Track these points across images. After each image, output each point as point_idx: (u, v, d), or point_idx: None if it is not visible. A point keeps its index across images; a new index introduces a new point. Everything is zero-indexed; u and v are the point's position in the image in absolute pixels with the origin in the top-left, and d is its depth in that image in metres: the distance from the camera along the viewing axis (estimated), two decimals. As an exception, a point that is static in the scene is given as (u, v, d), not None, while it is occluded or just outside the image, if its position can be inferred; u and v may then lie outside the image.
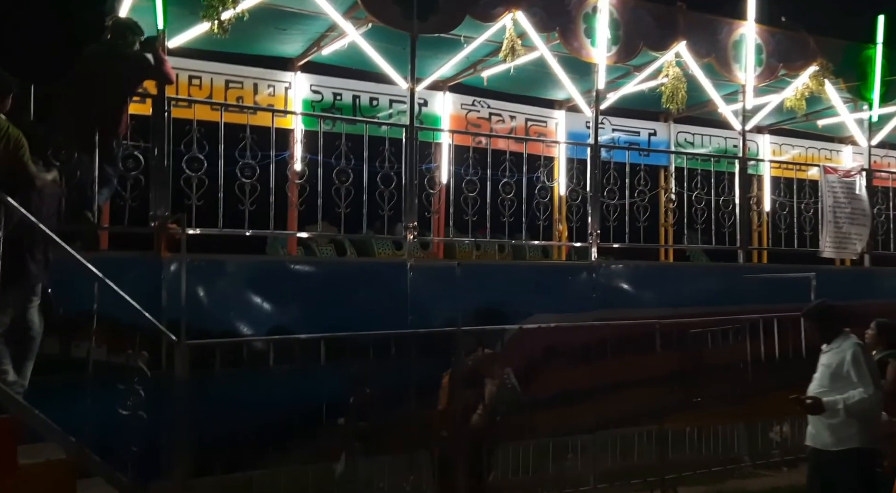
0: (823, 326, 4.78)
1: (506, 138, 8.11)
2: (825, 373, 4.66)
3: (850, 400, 4.41)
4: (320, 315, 5.89)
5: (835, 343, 4.69)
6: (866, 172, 9.02)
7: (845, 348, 4.59)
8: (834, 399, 4.46)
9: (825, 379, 4.64)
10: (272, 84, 7.87)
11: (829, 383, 4.60)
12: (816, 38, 8.48)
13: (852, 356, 4.53)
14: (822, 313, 4.83)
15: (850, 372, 4.50)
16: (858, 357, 4.53)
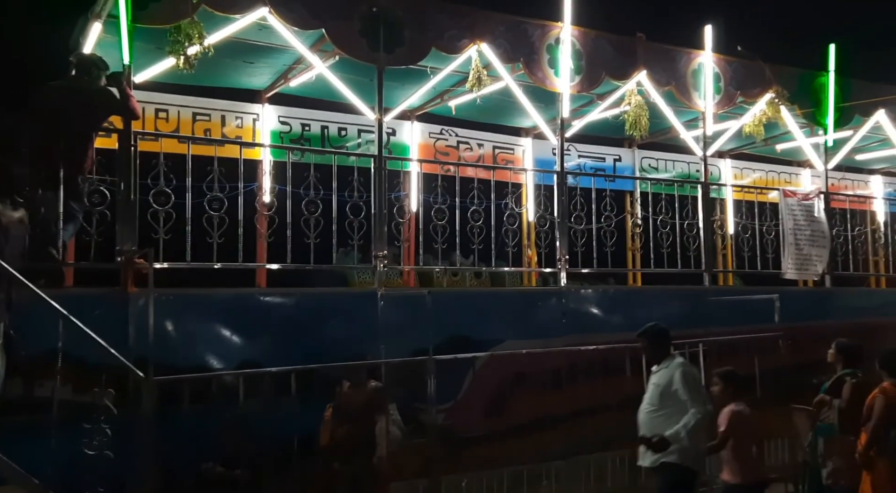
0: (654, 346, 5.14)
1: (474, 166, 8.22)
2: (655, 392, 4.98)
3: (688, 425, 4.68)
4: (291, 347, 5.85)
5: (664, 363, 5.03)
6: (824, 194, 9.30)
7: (673, 367, 4.91)
8: (675, 431, 4.72)
9: (655, 398, 4.95)
10: (240, 116, 7.89)
11: (658, 402, 4.91)
12: (772, 66, 8.77)
13: (681, 376, 4.83)
14: (654, 335, 5.15)
15: (679, 391, 4.79)
16: (687, 377, 4.84)
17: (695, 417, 4.70)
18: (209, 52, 6.10)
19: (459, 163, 8.20)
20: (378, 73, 6.64)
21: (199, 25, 5.89)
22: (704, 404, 4.79)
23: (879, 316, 9.31)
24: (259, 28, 6.37)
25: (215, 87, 7.85)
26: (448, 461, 6.04)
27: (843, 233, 9.71)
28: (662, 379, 4.94)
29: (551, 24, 7.43)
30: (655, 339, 5.17)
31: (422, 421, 6.02)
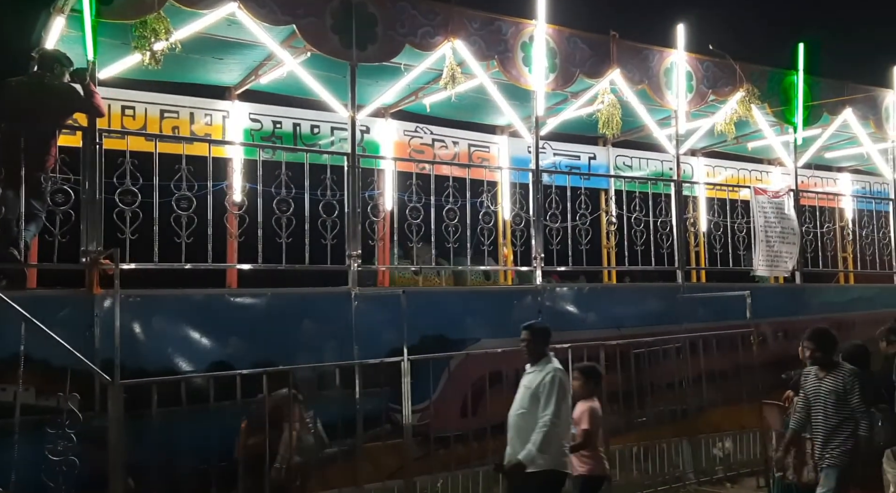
0: (535, 343, 5.00)
1: (449, 164, 8.18)
2: (525, 394, 4.89)
3: (537, 443, 4.64)
4: (263, 349, 5.76)
5: (538, 365, 4.93)
6: (794, 192, 9.42)
7: (546, 371, 4.82)
8: (527, 451, 4.68)
9: (525, 400, 4.86)
10: (209, 113, 7.75)
11: (528, 404, 4.82)
12: (742, 65, 8.85)
13: (550, 380, 4.75)
14: (537, 332, 5.05)
15: (541, 395, 4.76)
16: (555, 383, 4.75)
17: (541, 431, 4.66)
18: (176, 48, 5.97)
19: (434, 161, 8.15)
20: (351, 70, 6.56)
21: (165, 21, 5.75)
22: (554, 413, 4.70)
23: (848, 312, 9.47)
24: (228, 23, 6.25)
25: (183, 83, 7.69)
26: (423, 461, 6.00)
27: (813, 230, 9.85)
28: (533, 382, 4.86)
29: (525, 21, 7.41)
30: (537, 336, 5.03)
31: (397, 421, 5.98)
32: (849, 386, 4.91)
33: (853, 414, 4.92)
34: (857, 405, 4.90)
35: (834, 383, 4.98)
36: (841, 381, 4.96)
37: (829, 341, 5.11)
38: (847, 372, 4.99)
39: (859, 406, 4.89)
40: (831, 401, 4.97)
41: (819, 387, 5.06)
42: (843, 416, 4.94)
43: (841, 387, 4.93)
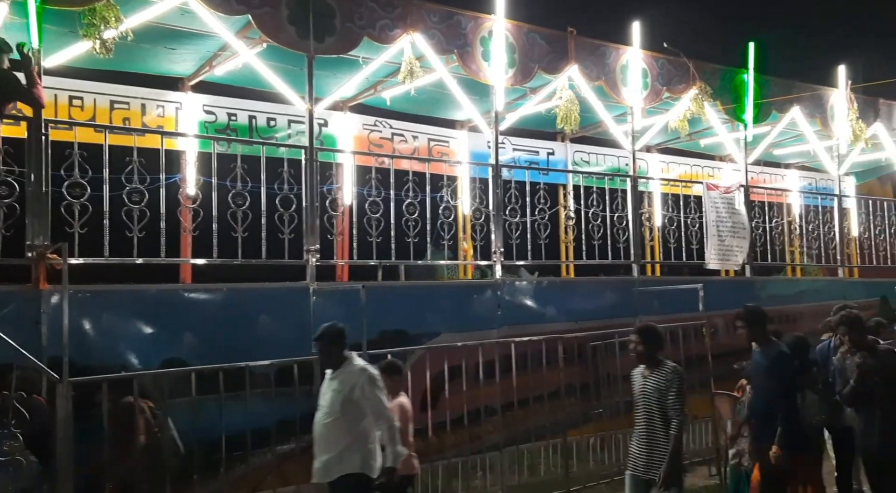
0: (331, 348, 4.64)
1: (409, 159, 8.14)
2: (336, 399, 4.51)
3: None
4: (219, 345, 5.66)
5: (343, 367, 4.58)
6: (744, 188, 9.66)
7: (356, 373, 4.53)
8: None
9: (336, 405, 4.50)
10: (161, 104, 7.55)
11: (339, 409, 4.48)
12: (696, 63, 9.04)
13: (368, 382, 4.49)
14: (333, 337, 4.65)
15: (362, 401, 4.48)
16: (375, 383, 4.52)
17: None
18: (127, 37, 5.80)
19: (394, 155, 8.10)
20: (308, 62, 6.47)
21: (115, 8, 5.59)
22: (385, 414, 4.52)
23: (796, 304, 9.77)
24: (181, 13, 6.10)
25: (135, 73, 7.48)
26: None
27: (762, 225, 10.13)
28: (344, 385, 4.50)
29: (484, 16, 7.42)
30: (333, 341, 4.65)
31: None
32: (669, 383, 4.66)
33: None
34: (672, 403, 4.62)
35: (657, 382, 4.72)
36: (664, 379, 4.69)
37: (653, 336, 4.84)
38: (669, 370, 4.73)
39: (674, 404, 4.62)
40: (654, 399, 4.70)
41: (644, 386, 4.81)
42: (666, 419, 4.67)
43: (663, 385, 4.67)
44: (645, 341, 4.82)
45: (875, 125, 10.95)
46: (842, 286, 10.64)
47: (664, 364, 4.79)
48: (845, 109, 10.49)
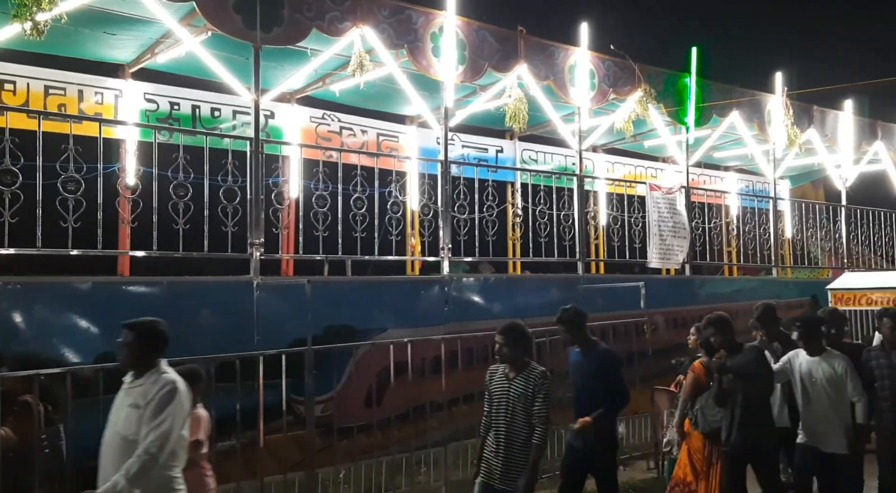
0: (136, 353, 3.84)
1: (357, 153, 8.07)
2: (133, 415, 3.65)
3: (130, 471, 3.52)
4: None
5: (146, 377, 3.77)
6: (685, 189, 9.93)
7: (161, 383, 3.74)
8: (113, 482, 3.53)
9: (132, 423, 3.64)
10: (100, 91, 7.30)
11: (135, 428, 3.62)
12: (641, 66, 9.24)
13: (168, 395, 3.68)
14: (141, 335, 3.87)
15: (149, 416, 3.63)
16: (172, 397, 3.70)
17: (140, 459, 3.53)
18: (62, 20, 5.57)
19: (342, 149, 8.02)
20: (254, 52, 6.34)
21: (49, -11, 5.36)
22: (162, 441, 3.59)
23: (732, 302, 10.10)
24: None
25: (72, 58, 7.21)
26: (326, 453, 5.93)
27: (701, 225, 10.44)
28: (144, 399, 3.67)
29: (435, 12, 7.41)
30: (142, 340, 3.86)
31: (299, 413, 5.87)
32: (536, 389, 4.29)
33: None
34: (538, 411, 4.27)
35: (524, 387, 4.33)
36: (531, 384, 4.32)
37: (520, 336, 4.43)
38: (537, 375, 4.35)
39: (539, 411, 4.27)
40: (519, 407, 4.30)
41: (508, 389, 4.38)
42: (529, 426, 4.29)
43: (530, 391, 4.29)
44: (511, 341, 4.41)
45: (809, 131, 11.41)
46: (775, 286, 11.05)
47: (532, 368, 4.40)
48: (781, 115, 10.89)
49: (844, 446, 5.09)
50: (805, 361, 5.24)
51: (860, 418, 5.10)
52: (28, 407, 4.48)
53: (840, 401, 5.12)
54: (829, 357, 5.17)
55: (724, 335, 5.19)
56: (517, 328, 4.50)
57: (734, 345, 5.21)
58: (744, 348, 5.23)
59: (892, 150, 12.82)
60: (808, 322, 5.32)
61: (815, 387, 5.16)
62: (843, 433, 5.10)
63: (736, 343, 5.23)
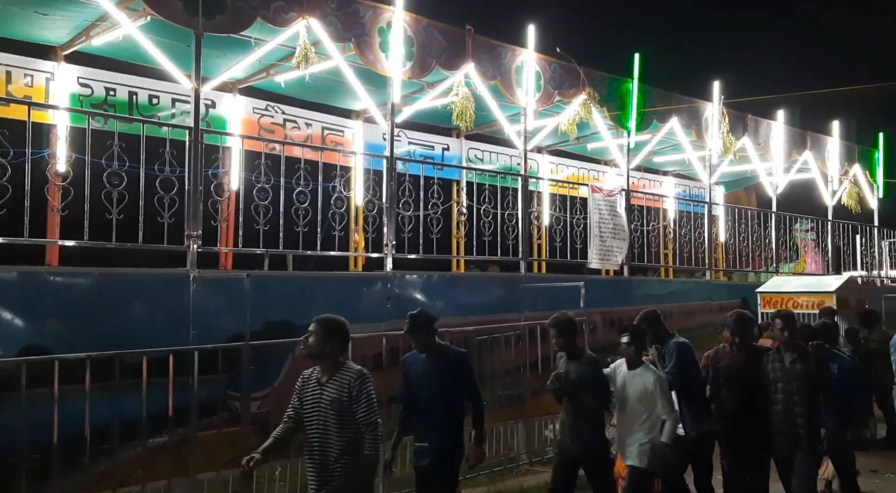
0: None
1: (301, 146, 7.96)
2: None
3: None
4: (88, 333, 5.30)
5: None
6: (625, 192, 10.16)
7: None
8: None
9: None
10: (30, 73, 6.98)
11: None
12: (586, 69, 9.40)
13: None
14: None
15: None
16: None
17: None
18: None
19: (286, 141, 7.89)
20: (196, 39, 6.17)
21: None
22: None
23: (669, 303, 10.40)
24: (55, -25, 5.66)
25: (0, 38, 6.87)
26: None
27: (640, 227, 10.70)
28: None
29: (383, 7, 7.36)
30: None
31: (235, 409, 5.75)
32: (354, 393, 3.77)
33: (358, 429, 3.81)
34: (363, 417, 3.76)
35: (338, 390, 3.78)
36: (345, 387, 3.78)
37: (336, 329, 3.89)
38: (353, 375, 3.81)
39: (365, 418, 3.77)
40: (332, 414, 3.78)
41: (320, 395, 3.83)
42: (348, 434, 3.80)
43: (346, 395, 3.77)
44: (328, 338, 3.81)
45: (743, 139, 11.83)
46: (708, 288, 11.43)
47: (346, 369, 3.85)
48: (718, 123, 11.27)
49: (643, 459, 4.95)
50: (622, 373, 5.15)
51: (665, 437, 4.93)
52: None
53: (649, 417, 4.98)
54: (643, 372, 5.05)
55: (566, 338, 5.07)
56: (332, 321, 3.90)
57: (575, 350, 5.10)
58: (584, 355, 5.13)
59: (820, 159, 13.42)
60: (632, 333, 5.13)
61: (628, 401, 5.06)
62: (649, 448, 4.94)
63: (578, 349, 5.13)
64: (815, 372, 5.17)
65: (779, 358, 5.28)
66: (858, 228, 14.49)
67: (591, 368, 5.04)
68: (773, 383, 5.23)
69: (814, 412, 5.13)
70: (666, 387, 5.06)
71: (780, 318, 5.28)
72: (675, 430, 4.99)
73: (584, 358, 5.09)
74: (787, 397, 5.14)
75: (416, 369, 4.83)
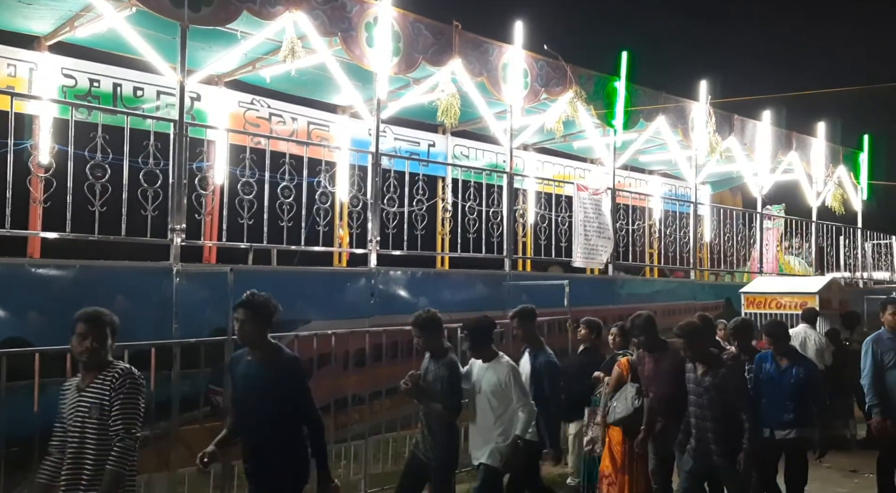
0: None
1: (286, 140, 7.94)
2: None
3: None
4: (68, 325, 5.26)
5: None
6: (611, 190, 10.21)
7: None
8: None
9: None
10: (13, 63, 6.93)
11: None
12: (573, 67, 9.42)
13: None
14: None
15: None
16: None
17: None
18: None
19: (271, 136, 7.87)
20: (181, 32, 6.15)
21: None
22: None
23: (653, 302, 10.47)
24: (39, -36, 5.61)
25: (-18, 26, 6.81)
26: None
27: (626, 226, 10.76)
28: None
29: (370, 1, 7.36)
30: None
31: (217, 404, 5.74)
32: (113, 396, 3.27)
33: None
34: (116, 424, 3.24)
35: (99, 396, 3.28)
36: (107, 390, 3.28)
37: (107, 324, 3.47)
38: (118, 374, 3.32)
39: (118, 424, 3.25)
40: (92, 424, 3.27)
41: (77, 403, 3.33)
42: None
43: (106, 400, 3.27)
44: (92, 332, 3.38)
45: (730, 139, 11.92)
46: (692, 288, 11.51)
47: (112, 368, 3.37)
48: (704, 122, 11.33)
49: (495, 458, 4.62)
50: (477, 367, 4.81)
51: (518, 429, 4.59)
52: None
53: (503, 411, 4.63)
54: (496, 365, 4.70)
55: (427, 337, 4.68)
56: (101, 317, 3.45)
57: (438, 350, 4.69)
58: (446, 356, 4.64)
59: (805, 160, 13.54)
60: (472, 328, 4.79)
61: (482, 396, 4.70)
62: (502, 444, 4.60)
63: (441, 349, 4.68)
64: (723, 385, 4.80)
65: (693, 369, 5.01)
66: (842, 230, 14.64)
67: (447, 370, 4.59)
68: (689, 395, 5.00)
69: (727, 427, 4.77)
70: (520, 379, 4.74)
71: (683, 335, 4.89)
72: (529, 423, 4.64)
73: (444, 359, 4.64)
74: (699, 411, 4.91)
75: (239, 371, 3.92)
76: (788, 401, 5.38)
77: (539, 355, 5.30)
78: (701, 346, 4.97)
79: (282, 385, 3.78)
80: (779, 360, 5.53)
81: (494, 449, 4.63)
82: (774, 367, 5.52)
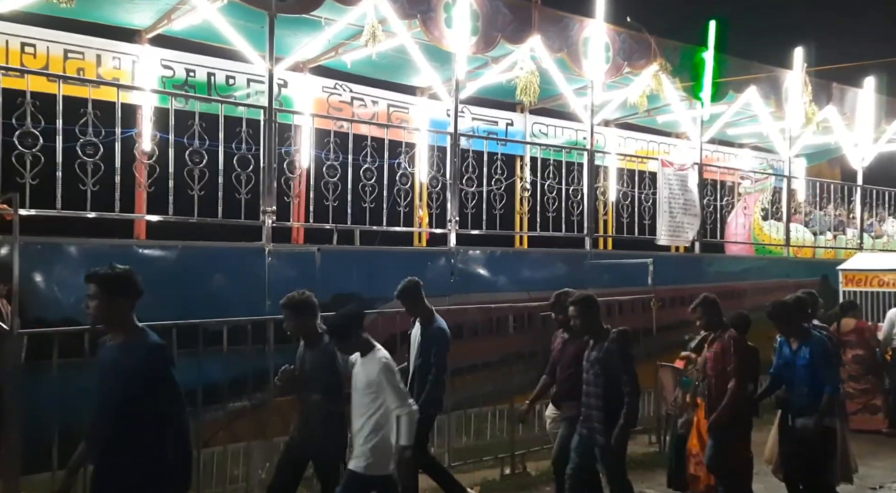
0: None
1: (368, 124, 8.13)
2: None
3: None
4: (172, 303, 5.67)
5: None
6: (698, 166, 9.91)
7: None
8: None
9: None
10: (118, 56, 7.39)
11: None
12: (657, 39, 9.15)
13: None
14: None
15: None
16: None
17: None
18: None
19: (353, 119, 8.09)
20: (269, 20, 6.40)
21: (71, -45, 5.44)
22: None
23: (741, 281, 10.15)
24: (140, -37, 5.96)
25: (90, 22, 7.30)
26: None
27: (713, 203, 10.42)
28: None
29: (449, -18, 7.39)
30: None
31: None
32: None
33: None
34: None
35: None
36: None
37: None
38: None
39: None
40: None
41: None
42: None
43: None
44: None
45: (827, 108, 11.29)
46: (785, 265, 11.06)
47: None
48: (800, 92, 10.77)
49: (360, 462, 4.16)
50: (356, 360, 4.33)
51: (402, 438, 4.12)
52: None
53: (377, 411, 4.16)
54: (371, 359, 4.21)
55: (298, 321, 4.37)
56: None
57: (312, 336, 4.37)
58: (321, 342, 4.33)
59: (911, 129, 12.65)
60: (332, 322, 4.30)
61: (356, 393, 4.27)
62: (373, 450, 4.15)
63: (315, 335, 4.35)
64: (606, 359, 4.71)
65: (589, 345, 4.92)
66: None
67: (324, 356, 4.29)
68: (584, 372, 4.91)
69: (609, 403, 4.68)
70: (394, 376, 4.19)
71: (575, 305, 4.85)
72: (412, 428, 4.14)
73: (320, 346, 4.33)
74: (588, 388, 4.85)
75: (104, 361, 3.28)
76: (803, 386, 5.20)
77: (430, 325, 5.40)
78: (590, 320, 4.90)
79: (139, 375, 3.08)
80: (791, 342, 5.35)
81: (362, 453, 4.15)
82: (789, 350, 5.35)
